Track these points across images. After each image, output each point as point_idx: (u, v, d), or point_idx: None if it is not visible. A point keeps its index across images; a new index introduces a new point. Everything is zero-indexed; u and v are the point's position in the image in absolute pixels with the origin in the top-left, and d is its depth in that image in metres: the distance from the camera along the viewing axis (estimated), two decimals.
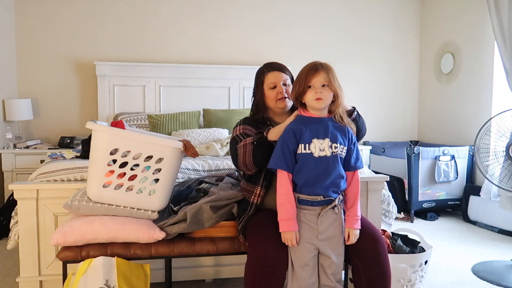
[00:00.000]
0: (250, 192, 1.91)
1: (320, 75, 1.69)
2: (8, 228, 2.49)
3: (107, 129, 1.90)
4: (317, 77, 1.69)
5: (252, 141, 1.82)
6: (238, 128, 1.98)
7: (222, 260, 2.48)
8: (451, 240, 3.51)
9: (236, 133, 1.96)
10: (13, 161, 3.83)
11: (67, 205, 1.95)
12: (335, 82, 1.70)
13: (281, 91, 1.96)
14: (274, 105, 1.99)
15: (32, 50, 4.27)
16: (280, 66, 2.03)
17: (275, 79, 1.98)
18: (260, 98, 2.02)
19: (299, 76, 1.74)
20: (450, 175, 4.14)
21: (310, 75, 1.69)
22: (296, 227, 1.66)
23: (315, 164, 1.67)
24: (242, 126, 1.98)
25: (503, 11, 3.67)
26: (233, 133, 1.99)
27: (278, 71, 2.00)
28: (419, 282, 2.35)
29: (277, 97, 1.96)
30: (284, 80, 1.99)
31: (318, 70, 1.69)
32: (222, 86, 4.53)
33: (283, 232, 1.67)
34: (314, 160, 1.67)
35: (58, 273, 2.08)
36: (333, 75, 1.71)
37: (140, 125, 4.04)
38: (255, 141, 1.81)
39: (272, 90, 1.98)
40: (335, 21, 4.87)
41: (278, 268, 1.65)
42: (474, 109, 4.31)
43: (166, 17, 4.50)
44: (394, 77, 5.06)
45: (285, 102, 1.98)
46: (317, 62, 1.73)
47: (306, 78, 1.70)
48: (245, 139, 1.86)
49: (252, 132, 1.94)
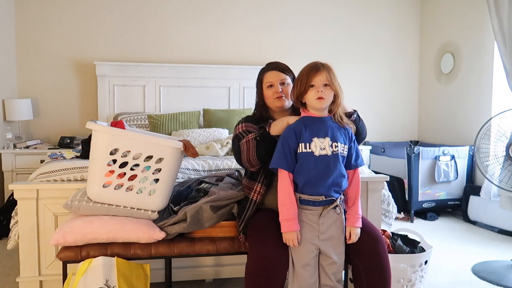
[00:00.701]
0: (250, 189, 1.92)
1: (322, 75, 1.69)
2: (8, 228, 2.49)
3: (107, 129, 1.90)
4: (318, 77, 1.69)
5: (255, 136, 1.82)
6: (240, 126, 1.98)
7: (222, 260, 2.48)
8: (451, 240, 3.51)
9: (239, 131, 1.96)
10: (13, 161, 3.83)
11: (67, 205, 1.95)
12: (335, 82, 1.71)
13: (277, 90, 1.96)
14: (271, 103, 1.99)
15: (32, 50, 4.27)
16: (280, 66, 2.03)
17: (272, 78, 1.98)
18: (260, 97, 2.03)
19: (300, 75, 1.75)
20: (450, 175, 4.14)
21: (311, 74, 1.70)
22: (297, 227, 1.66)
23: (316, 163, 1.67)
24: (244, 124, 1.98)
25: (503, 11, 3.67)
26: (235, 131, 1.99)
27: (276, 70, 2.00)
28: (419, 282, 2.35)
29: (273, 96, 1.97)
30: (282, 79, 1.99)
31: (320, 69, 1.70)
32: (222, 86, 4.53)
33: (285, 233, 1.67)
34: (314, 159, 1.67)
35: (58, 273, 2.08)
36: (334, 75, 1.72)
37: (140, 125, 4.04)
38: (258, 136, 1.81)
39: (269, 89, 1.98)
40: (336, 21, 4.87)
41: (279, 268, 1.64)
42: (474, 109, 4.31)
43: (166, 17, 4.50)
44: (394, 77, 5.06)
45: (282, 101, 1.97)
46: (318, 62, 1.74)
47: (307, 78, 1.70)
48: (248, 135, 1.87)
49: (254, 129, 1.94)
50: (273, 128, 1.81)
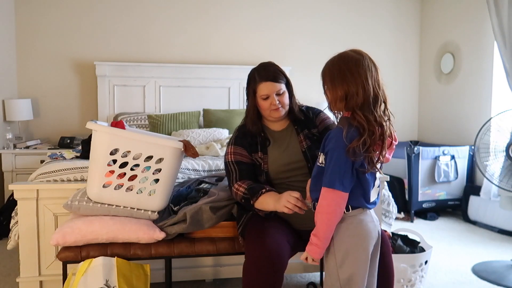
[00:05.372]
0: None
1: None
2: (8, 228, 2.49)
3: (107, 129, 1.90)
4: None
5: (243, 196, 1.81)
6: (230, 150, 1.93)
7: (222, 260, 2.48)
8: (451, 240, 3.51)
9: (228, 159, 1.92)
10: (13, 161, 3.83)
11: (67, 205, 1.96)
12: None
13: (274, 103, 1.87)
14: (268, 114, 1.92)
15: (32, 50, 4.27)
16: (273, 75, 1.89)
17: (268, 90, 1.86)
18: (252, 105, 1.93)
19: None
20: (450, 175, 4.14)
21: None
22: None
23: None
24: (233, 148, 1.92)
25: (503, 11, 3.67)
26: (225, 155, 1.95)
27: (271, 82, 1.87)
28: (419, 282, 2.35)
29: (270, 108, 1.89)
30: (278, 90, 1.87)
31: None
32: (222, 86, 4.52)
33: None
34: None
35: (58, 273, 2.08)
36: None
37: (140, 125, 4.04)
38: (244, 198, 1.81)
39: (265, 100, 1.88)
40: (335, 21, 4.86)
41: (277, 268, 1.64)
42: (474, 109, 4.31)
43: (166, 17, 4.50)
44: (394, 77, 5.06)
45: (279, 112, 1.90)
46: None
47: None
48: (237, 181, 1.85)
49: (243, 158, 1.89)
50: (262, 203, 1.76)
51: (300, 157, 1.89)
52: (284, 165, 1.88)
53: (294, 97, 1.99)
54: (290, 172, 1.89)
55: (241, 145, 1.92)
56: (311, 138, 1.93)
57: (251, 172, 1.90)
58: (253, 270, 1.63)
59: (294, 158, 1.89)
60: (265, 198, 1.75)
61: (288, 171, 1.89)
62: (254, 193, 1.78)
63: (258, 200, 1.77)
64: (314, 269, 2.57)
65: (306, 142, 1.92)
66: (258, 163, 1.90)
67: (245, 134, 1.95)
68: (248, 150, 1.91)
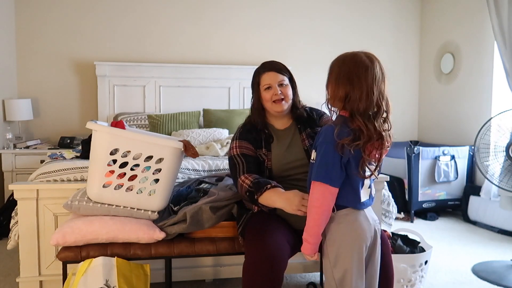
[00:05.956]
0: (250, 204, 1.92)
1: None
2: (8, 228, 2.49)
3: (107, 129, 1.90)
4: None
5: (248, 189, 1.78)
6: (235, 145, 1.93)
7: (222, 260, 2.48)
8: (451, 240, 3.51)
9: (233, 153, 1.91)
10: (13, 161, 3.83)
11: (67, 205, 1.96)
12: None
13: (276, 93, 1.89)
14: (270, 107, 1.93)
15: (32, 50, 4.27)
16: (276, 66, 1.95)
17: (270, 80, 1.91)
18: (257, 99, 1.96)
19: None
20: (450, 175, 4.14)
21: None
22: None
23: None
24: (238, 143, 1.92)
25: (503, 11, 3.67)
26: (230, 150, 1.95)
27: (273, 72, 1.92)
28: (419, 282, 2.35)
29: (272, 99, 1.91)
30: (280, 80, 1.91)
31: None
32: (222, 86, 4.52)
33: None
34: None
35: (58, 273, 2.08)
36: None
37: (140, 125, 4.04)
38: (248, 191, 1.78)
39: (267, 91, 1.91)
40: (336, 21, 4.86)
41: (276, 268, 1.64)
42: (474, 109, 4.31)
43: (166, 17, 4.50)
44: (394, 77, 5.06)
45: (281, 106, 1.91)
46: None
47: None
48: (244, 173, 1.83)
49: (250, 151, 1.89)
50: (265, 198, 1.73)
51: (302, 155, 1.90)
52: (286, 163, 1.90)
53: (298, 95, 2.01)
54: (292, 170, 1.90)
55: (247, 139, 1.93)
56: (313, 137, 1.93)
57: (258, 165, 1.90)
58: (253, 270, 1.63)
59: (297, 156, 1.90)
60: (270, 194, 1.73)
61: (290, 169, 1.90)
62: (259, 188, 1.75)
63: (263, 195, 1.74)
64: (314, 269, 2.57)
65: (308, 140, 1.93)
66: (262, 160, 1.91)
67: (250, 130, 1.96)
68: (253, 145, 1.92)
